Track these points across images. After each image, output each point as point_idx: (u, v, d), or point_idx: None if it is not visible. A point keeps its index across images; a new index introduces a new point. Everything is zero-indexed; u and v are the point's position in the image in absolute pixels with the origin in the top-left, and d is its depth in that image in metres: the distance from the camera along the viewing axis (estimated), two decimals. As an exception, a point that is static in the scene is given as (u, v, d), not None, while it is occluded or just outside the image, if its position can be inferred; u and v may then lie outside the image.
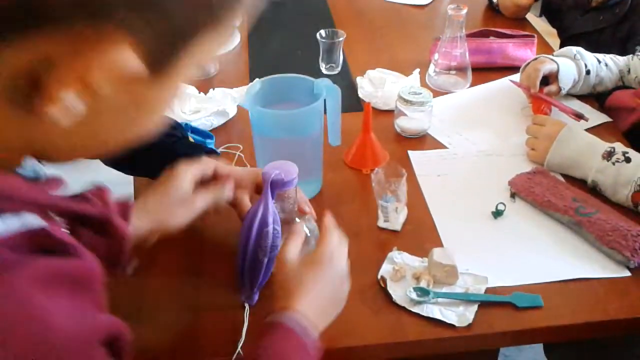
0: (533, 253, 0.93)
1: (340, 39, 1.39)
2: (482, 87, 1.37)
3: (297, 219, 0.88)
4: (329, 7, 1.78)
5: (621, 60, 1.31)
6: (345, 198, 1.05)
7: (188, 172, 0.81)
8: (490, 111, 1.29)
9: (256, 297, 0.82)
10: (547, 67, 1.23)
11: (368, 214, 1.00)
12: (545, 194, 1.01)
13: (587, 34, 1.51)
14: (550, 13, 1.68)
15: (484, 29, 1.46)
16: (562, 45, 1.68)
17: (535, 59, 1.27)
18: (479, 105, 1.31)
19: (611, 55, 1.32)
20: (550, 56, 1.26)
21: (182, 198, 0.79)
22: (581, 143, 1.06)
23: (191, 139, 1.07)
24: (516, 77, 1.33)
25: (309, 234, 0.88)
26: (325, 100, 0.99)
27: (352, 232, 0.96)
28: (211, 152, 0.97)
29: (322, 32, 1.39)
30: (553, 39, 1.76)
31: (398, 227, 0.96)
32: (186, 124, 1.15)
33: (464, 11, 1.28)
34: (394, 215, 0.95)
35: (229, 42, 1.54)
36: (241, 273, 0.80)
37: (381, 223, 0.97)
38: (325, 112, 1.01)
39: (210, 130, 1.20)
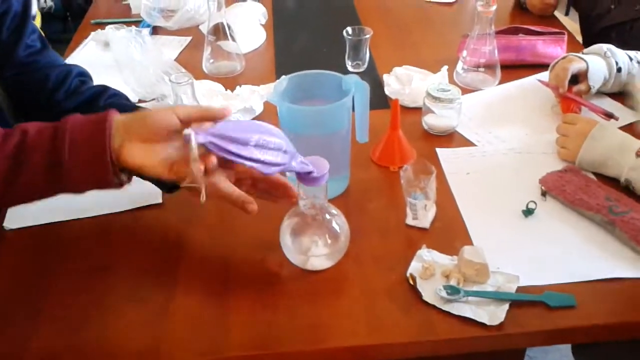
0: (565, 252, 0.91)
1: (367, 36, 1.38)
2: (511, 84, 1.35)
3: (327, 215, 0.87)
4: (354, 4, 1.77)
5: (655, 57, 1.28)
6: (372, 195, 1.04)
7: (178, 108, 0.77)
8: (519, 109, 1.27)
9: None
10: (576, 65, 1.21)
11: (396, 211, 0.99)
12: (577, 193, 0.99)
13: (620, 25, 1.49)
14: (579, 3, 1.65)
15: (513, 26, 1.44)
16: (587, 39, 1.65)
17: (564, 57, 1.25)
18: (508, 103, 1.29)
19: (644, 52, 1.29)
20: (580, 54, 1.24)
21: (166, 120, 0.74)
22: (614, 141, 1.04)
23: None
24: (546, 74, 1.31)
25: (338, 230, 0.88)
26: (353, 96, 0.99)
27: (380, 229, 0.96)
28: None
29: (349, 29, 1.39)
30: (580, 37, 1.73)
31: (427, 224, 0.95)
32: (213, 121, 1.15)
33: (494, 7, 1.26)
34: (423, 212, 0.94)
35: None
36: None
37: (409, 221, 0.96)
38: (353, 109, 1.00)
39: (237, 127, 1.20)
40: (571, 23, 1.92)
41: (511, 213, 0.99)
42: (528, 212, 0.98)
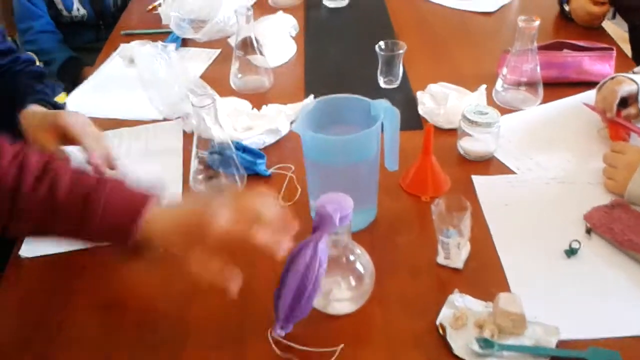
0: (612, 301, 0.83)
1: (401, 51, 1.31)
2: (554, 104, 1.27)
3: (352, 256, 0.82)
4: (389, 15, 1.71)
5: None
6: (402, 228, 0.98)
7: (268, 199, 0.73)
8: (563, 132, 1.18)
9: (290, 327, 0.77)
10: (626, 88, 1.11)
11: (427, 247, 0.92)
12: (625, 232, 0.91)
13: None
14: (626, 11, 1.55)
15: (556, 40, 1.35)
16: (637, 51, 1.55)
17: (612, 78, 1.16)
18: (551, 126, 1.21)
19: (702, 70, 1.19)
20: (629, 75, 1.15)
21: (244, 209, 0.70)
22: (668, 174, 0.95)
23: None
24: (591, 94, 1.22)
25: (363, 272, 0.82)
26: (383, 121, 0.93)
27: (409, 268, 0.90)
28: None
29: (382, 43, 1.32)
30: (627, 45, 1.63)
31: (460, 265, 0.89)
32: (237, 143, 1.11)
33: (536, 23, 1.18)
34: (456, 252, 0.88)
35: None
36: (278, 306, 0.75)
37: (441, 260, 0.90)
38: (382, 132, 0.94)
39: (262, 149, 1.15)
40: (619, 31, 1.82)
41: (553, 252, 0.91)
42: (571, 252, 0.90)
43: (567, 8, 1.58)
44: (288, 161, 1.13)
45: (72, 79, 1.77)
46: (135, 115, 1.27)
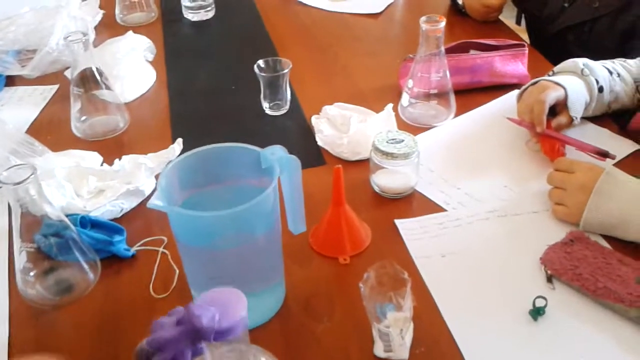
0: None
1: (285, 70, 1.07)
2: (469, 116, 1.08)
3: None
4: (264, 25, 1.46)
5: (633, 66, 1.05)
6: (320, 308, 0.74)
7: None
8: (488, 150, 1.00)
9: None
10: (553, 95, 0.95)
11: (356, 332, 0.69)
12: (597, 277, 0.72)
13: (577, 26, 1.25)
14: (524, 3, 1.42)
15: (462, 41, 1.17)
16: (538, 43, 1.42)
17: (534, 83, 0.99)
18: (473, 143, 1.02)
19: (619, 61, 1.05)
20: (553, 78, 0.98)
21: None
22: (628, 192, 0.79)
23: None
24: (509, 98, 1.06)
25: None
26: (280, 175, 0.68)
27: (339, 371, 0.66)
28: None
29: (261, 62, 1.07)
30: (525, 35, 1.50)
31: (405, 355, 0.66)
32: (83, 217, 0.81)
33: (442, 24, 0.98)
34: (399, 342, 0.65)
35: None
36: None
37: (379, 352, 0.66)
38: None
39: (120, 219, 0.86)
40: (509, 22, 1.70)
41: (515, 316, 0.71)
42: (537, 312, 0.70)
43: (460, 1, 1.42)
44: (158, 231, 0.85)
45: None
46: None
